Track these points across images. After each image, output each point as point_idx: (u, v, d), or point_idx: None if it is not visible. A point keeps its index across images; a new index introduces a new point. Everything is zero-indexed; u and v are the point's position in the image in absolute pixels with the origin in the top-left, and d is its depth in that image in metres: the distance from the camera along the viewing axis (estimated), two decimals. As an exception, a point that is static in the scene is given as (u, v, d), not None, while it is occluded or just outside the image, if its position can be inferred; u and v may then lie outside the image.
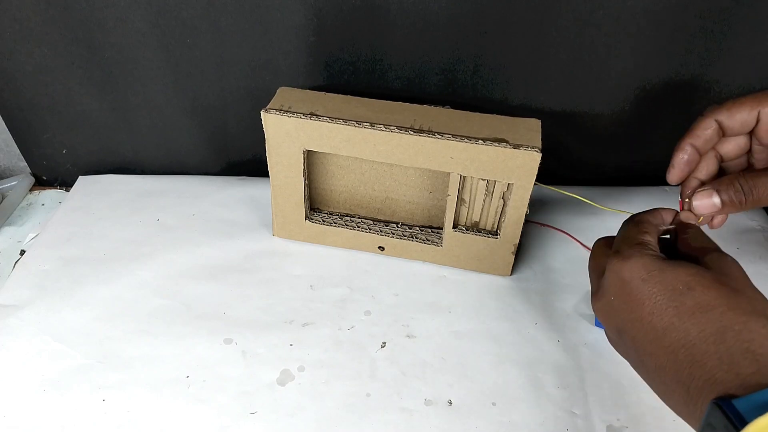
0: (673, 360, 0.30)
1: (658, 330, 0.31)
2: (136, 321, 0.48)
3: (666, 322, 0.31)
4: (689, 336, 0.30)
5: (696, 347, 0.29)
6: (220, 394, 0.43)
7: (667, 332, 0.31)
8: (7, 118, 0.60)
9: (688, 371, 0.30)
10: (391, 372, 0.45)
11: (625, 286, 0.33)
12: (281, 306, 0.50)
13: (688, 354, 0.30)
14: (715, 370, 0.28)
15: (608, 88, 0.55)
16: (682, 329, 0.30)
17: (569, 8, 0.50)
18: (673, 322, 0.31)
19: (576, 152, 0.61)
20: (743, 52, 0.52)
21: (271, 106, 0.48)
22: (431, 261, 0.54)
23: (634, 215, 0.39)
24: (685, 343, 0.30)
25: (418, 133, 0.46)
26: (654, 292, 0.32)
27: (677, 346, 0.30)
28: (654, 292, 0.32)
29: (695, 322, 0.30)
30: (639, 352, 0.33)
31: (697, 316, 0.30)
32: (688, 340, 0.30)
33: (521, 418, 0.42)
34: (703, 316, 0.30)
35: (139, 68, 0.55)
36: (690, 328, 0.30)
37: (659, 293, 0.32)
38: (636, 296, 0.33)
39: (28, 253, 0.54)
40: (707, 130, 0.40)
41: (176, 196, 0.61)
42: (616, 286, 0.34)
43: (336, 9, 0.51)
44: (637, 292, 0.33)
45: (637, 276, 0.33)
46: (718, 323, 0.29)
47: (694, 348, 0.30)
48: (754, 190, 0.39)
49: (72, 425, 0.40)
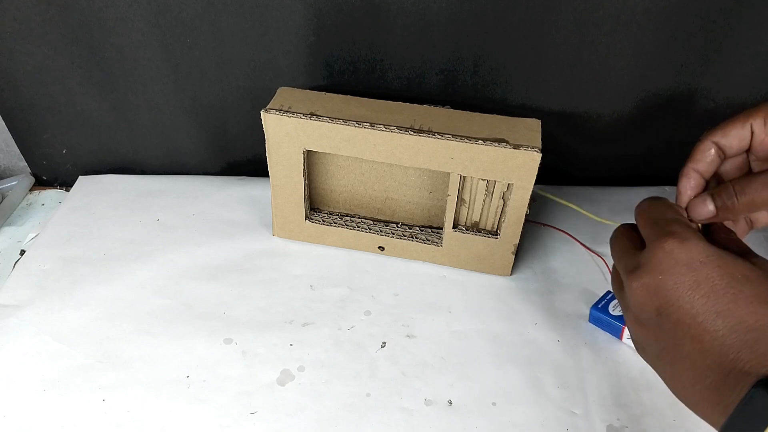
0: (720, 344, 0.30)
1: (711, 313, 0.31)
2: (136, 321, 0.48)
3: (722, 306, 0.31)
4: (745, 323, 0.30)
5: (749, 334, 0.30)
6: (220, 394, 0.43)
7: (720, 316, 0.31)
8: (7, 118, 0.60)
9: (735, 356, 0.30)
10: (391, 372, 0.45)
11: (680, 267, 0.33)
12: (281, 306, 0.50)
13: (739, 339, 0.30)
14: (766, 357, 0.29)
15: (608, 88, 0.55)
16: (737, 315, 0.30)
17: (569, 8, 0.50)
18: (729, 308, 0.31)
19: (576, 152, 0.61)
20: (743, 52, 0.52)
21: (271, 106, 0.48)
22: (431, 261, 0.54)
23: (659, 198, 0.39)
24: (738, 329, 0.30)
25: (418, 133, 0.46)
26: (713, 276, 0.32)
27: (729, 331, 0.30)
28: (713, 276, 0.32)
29: (752, 311, 0.30)
30: (679, 335, 0.33)
31: (755, 306, 0.30)
32: (743, 327, 0.30)
33: (521, 418, 0.42)
34: (761, 307, 0.30)
35: (139, 68, 0.55)
36: (746, 316, 0.30)
37: (718, 278, 0.32)
38: (692, 277, 0.32)
39: (28, 253, 0.54)
40: (706, 152, 0.41)
41: (176, 196, 0.61)
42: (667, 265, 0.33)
43: (336, 9, 0.51)
44: (693, 274, 0.32)
45: (696, 258, 0.32)
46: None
47: (748, 335, 0.30)
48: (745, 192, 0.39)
49: (72, 425, 0.40)
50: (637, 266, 0.35)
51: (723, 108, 0.57)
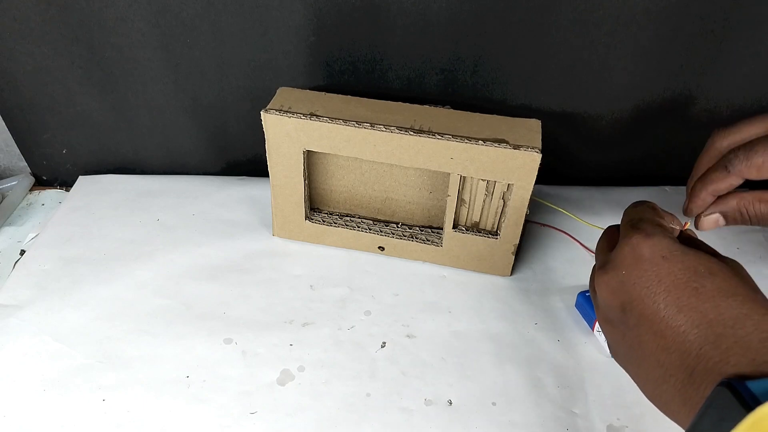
0: (682, 341, 0.30)
1: (672, 308, 0.31)
2: (136, 321, 0.48)
3: (684, 302, 0.30)
4: (707, 317, 0.29)
5: (712, 329, 0.29)
6: (220, 394, 0.43)
7: (682, 311, 0.30)
8: (7, 118, 0.60)
9: (698, 352, 0.29)
10: (391, 372, 0.45)
11: (643, 262, 0.33)
12: (281, 306, 0.50)
13: (701, 335, 0.29)
14: (730, 353, 0.28)
15: (608, 88, 0.55)
16: (699, 310, 0.30)
17: (569, 8, 0.50)
18: (691, 302, 0.30)
19: (576, 152, 0.61)
20: (743, 52, 0.52)
21: (271, 106, 0.48)
22: (431, 261, 0.54)
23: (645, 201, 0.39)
24: (700, 324, 0.29)
25: (418, 134, 0.46)
26: (674, 271, 0.31)
27: (690, 326, 0.30)
28: (674, 270, 0.31)
29: (714, 305, 0.30)
30: (642, 331, 0.32)
31: (717, 300, 0.30)
32: (705, 322, 0.29)
33: (521, 418, 0.42)
34: (724, 301, 0.30)
35: (139, 68, 0.55)
36: (708, 310, 0.29)
37: (680, 272, 0.31)
38: (654, 272, 0.32)
39: (28, 253, 0.54)
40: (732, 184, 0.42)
41: (176, 196, 0.61)
42: (631, 260, 0.33)
43: (336, 9, 0.51)
44: (656, 268, 0.32)
45: (658, 253, 0.32)
46: (737, 310, 0.29)
47: (710, 329, 0.29)
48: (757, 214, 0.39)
49: (72, 425, 0.40)
50: (605, 262, 0.35)
51: (723, 108, 0.57)
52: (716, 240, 0.48)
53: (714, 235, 0.56)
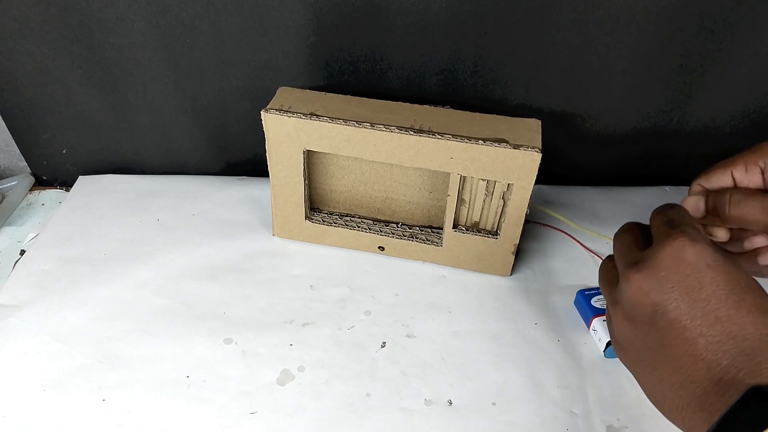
0: (715, 350, 0.30)
1: (710, 317, 0.31)
2: (136, 321, 0.48)
3: (723, 312, 0.31)
4: (744, 331, 0.30)
5: (748, 342, 0.29)
6: (220, 394, 0.43)
7: (719, 322, 0.30)
8: (7, 118, 0.60)
9: (730, 362, 0.29)
10: (391, 372, 0.45)
11: (686, 266, 0.32)
12: (281, 306, 0.50)
13: (736, 346, 0.30)
14: (763, 366, 0.28)
15: (608, 88, 0.55)
16: (738, 322, 0.30)
17: (569, 8, 0.50)
18: (730, 314, 0.30)
19: (576, 152, 0.61)
20: (743, 52, 0.52)
21: (271, 106, 0.48)
22: (431, 261, 0.54)
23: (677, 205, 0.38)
24: (737, 336, 0.30)
25: (418, 134, 0.46)
26: (718, 280, 0.31)
27: (727, 337, 0.30)
28: (718, 279, 0.31)
29: (753, 320, 0.30)
30: (672, 335, 0.32)
31: (756, 315, 0.30)
32: (741, 334, 0.30)
33: (521, 418, 0.42)
34: (762, 317, 0.30)
35: (139, 68, 0.55)
36: (746, 324, 0.30)
37: (723, 282, 0.31)
38: (696, 278, 0.32)
39: (28, 253, 0.54)
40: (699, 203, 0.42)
41: (176, 196, 0.61)
42: (673, 262, 0.33)
43: (336, 9, 0.51)
44: (699, 275, 0.32)
45: (703, 260, 0.32)
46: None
47: (746, 342, 0.29)
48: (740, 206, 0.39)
49: (72, 425, 0.40)
50: (641, 260, 0.34)
51: (723, 108, 0.57)
52: (716, 240, 0.48)
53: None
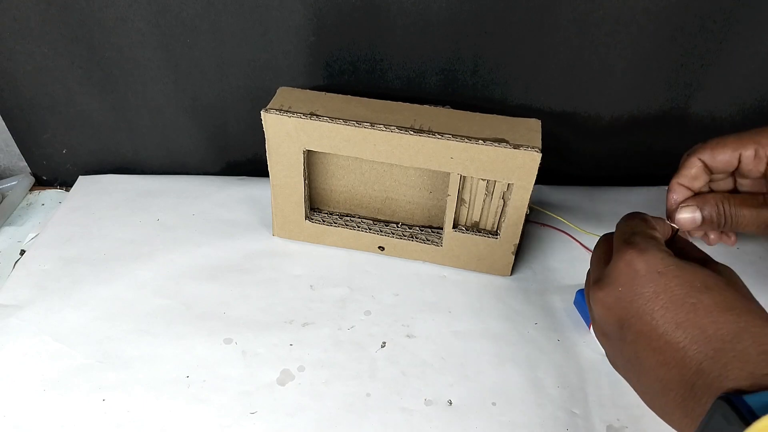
0: (681, 357, 0.30)
1: (670, 324, 0.31)
2: (136, 321, 0.48)
3: (681, 317, 0.30)
4: (705, 333, 0.29)
5: (710, 344, 0.29)
6: (220, 394, 0.43)
7: (680, 327, 0.30)
8: (7, 118, 0.60)
9: (698, 368, 0.29)
10: (391, 372, 0.45)
11: (639, 278, 0.32)
12: (281, 306, 0.50)
13: (700, 350, 0.29)
14: (729, 367, 0.28)
15: (608, 87, 0.55)
16: (698, 326, 0.30)
17: (569, 8, 0.50)
18: (689, 318, 0.30)
19: (576, 152, 0.61)
20: (743, 52, 0.52)
21: (271, 106, 0.48)
22: (431, 261, 0.54)
23: (636, 212, 0.39)
24: (699, 340, 0.29)
25: (418, 133, 0.46)
26: (671, 286, 0.31)
27: (689, 342, 0.30)
28: (671, 286, 0.31)
29: (713, 321, 0.30)
30: (640, 347, 0.32)
31: (715, 315, 0.30)
32: (703, 337, 0.29)
33: (521, 418, 0.42)
34: (721, 316, 0.30)
35: (139, 68, 0.55)
36: (707, 326, 0.30)
37: (676, 287, 0.31)
38: (650, 288, 0.32)
39: (28, 253, 0.54)
40: (692, 169, 0.42)
41: (176, 196, 0.61)
42: (627, 277, 0.33)
43: (336, 9, 0.51)
44: (652, 284, 0.32)
45: (654, 268, 0.32)
46: (735, 324, 0.29)
47: (709, 345, 0.29)
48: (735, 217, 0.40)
49: (72, 425, 0.40)
50: (601, 278, 0.35)
51: (723, 108, 0.57)
52: (716, 240, 0.48)
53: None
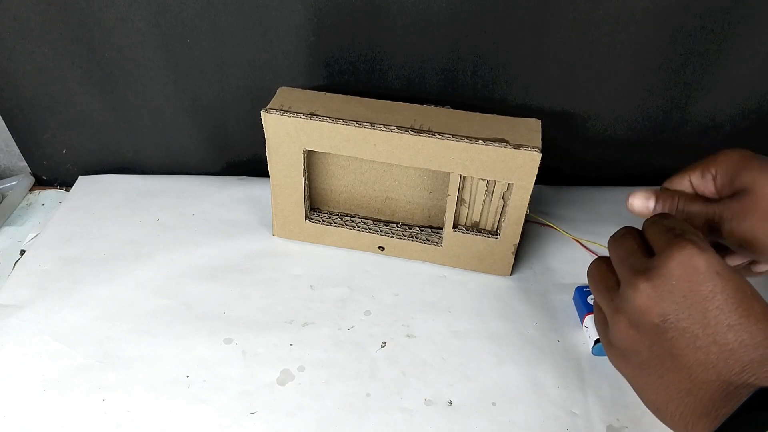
0: (727, 358, 0.30)
1: (722, 326, 0.31)
2: (136, 321, 0.48)
3: (734, 320, 0.31)
4: (755, 338, 0.30)
5: (758, 350, 0.30)
6: (220, 394, 0.43)
7: (732, 330, 0.31)
8: (7, 118, 0.60)
9: (741, 369, 0.30)
10: (391, 372, 0.45)
11: (698, 275, 0.32)
12: (281, 306, 0.50)
13: (748, 354, 0.30)
14: None
15: (608, 88, 0.55)
16: (748, 330, 0.30)
17: (569, 8, 0.50)
18: (741, 322, 0.31)
19: (576, 152, 0.61)
20: (743, 52, 0.52)
21: (271, 106, 0.48)
22: (431, 261, 0.54)
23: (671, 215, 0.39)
24: (749, 344, 0.30)
25: (418, 133, 0.46)
26: (728, 289, 0.31)
27: (739, 345, 0.30)
28: (728, 288, 0.31)
29: (762, 328, 0.30)
30: (682, 344, 0.32)
31: (764, 323, 0.30)
32: (753, 342, 0.30)
33: (521, 418, 0.42)
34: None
35: (139, 68, 0.55)
36: (756, 332, 0.30)
37: (731, 290, 0.31)
38: (708, 287, 0.32)
39: (28, 253, 0.54)
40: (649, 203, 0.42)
41: (176, 196, 0.61)
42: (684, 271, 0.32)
43: (336, 9, 0.51)
44: (710, 284, 0.32)
45: (713, 268, 0.32)
46: None
47: (756, 350, 0.30)
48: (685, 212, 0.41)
49: (72, 425, 0.40)
50: (649, 268, 0.33)
51: (723, 108, 0.57)
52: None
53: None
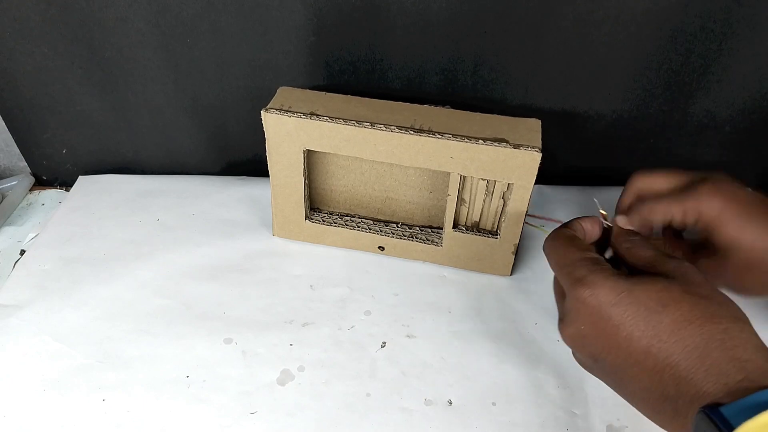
0: (659, 380, 0.30)
1: (639, 353, 0.31)
2: (136, 321, 0.48)
3: (645, 344, 0.30)
4: (673, 355, 0.30)
5: (681, 364, 0.29)
6: (220, 394, 0.43)
7: (649, 354, 0.30)
8: (7, 118, 0.60)
9: (675, 389, 0.29)
10: (391, 372, 0.45)
11: (595, 314, 0.32)
12: (281, 306, 0.50)
13: (673, 373, 0.30)
14: (703, 383, 0.28)
15: (608, 88, 0.55)
16: (664, 349, 0.30)
17: (569, 8, 0.50)
18: (653, 344, 0.30)
19: (576, 152, 0.61)
20: (743, 52, 0.52)
21: (271, 106, 0.48)
22: (431, 261, 0.54)
23: (555, 234, 0.38)
24: (670, 362, 0.30)
25: (419, 133, 0.46)
26: (628, 315, 0.31)
27: (662, 366, 0.30)
28: (628, 315, 0.31)
29: (677, 340, 0.30)
30: (619, 376, 0.33)
31: (678, 333, 0.30)
32: (673, 359, 0.30)
33: (521, 418, 0.42)
34: (684, 332, 0.30)
35: (139, 68, 0.55)
36: (672, 347, 0.30)
37: (633, 315, 0.31)
38: (609, 322, 0.32)
39: (28, 253, 0.54)
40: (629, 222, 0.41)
41: (176, 196, 0.61)
42: (584, 315, 0.33)
43: (336, 9, 0.51)
44: (609, 319, 0.32)
45: (606, 301, 0.32)
46: (698, 337, 0.29)
47: (680, 365, 0.29)
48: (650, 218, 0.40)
49: (72, 425, 0.40)
50: (562, 317, 0.35)
51: (723, 108, 0.57)
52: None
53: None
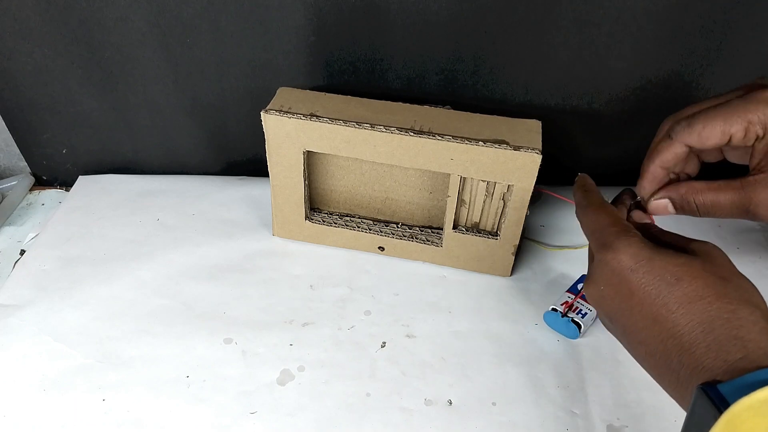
0: (663, 348, 0.31)
1: (648, 320, 0.32)
2: (136, 321, 0.48)
3: (655, 312, 0.32)
4: (678, 326, 0.31)
5: (685, 337, 0.30)
6: (220, 394, 0.43)
7: (656, 322, 0.32)
8: (7, 118, 0.60)
9: (678, 359, 0.31)
10: (391, 372, 0.45)
11: (614, 277, 0.34)
12: (281, 306, 0.50)
13: (677, 343, 0.31)
14: (704, 357, 0.29)
15: (608, 87, 0.55)
16: (671, 320, 0.31)
17: (569, 8, 0.50)
18: (661, 313, 0.31)
19: (576, 152, 0.61)
20: (743, 52, 0.52)
21: (271, 107, 0.48)
22: (431, 261, 0.54)
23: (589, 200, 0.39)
24: (674, 333, 0.31)
25: (419, 134, 0.46)
26: (643, 283, 0.33)
27: (666, 335, 0.31)
28: (643, 282, 0.33)
29: (684, 313, 0.31)
30: (630, 338, 0.34)
31: (686, 307, 0.31)
32: (677, 330, 0.31)
33: (521, 418, 0.42)
34: (692, 306, 0.31)
35: (139, 68, 0.55)
36: (679, 319, 0.31)
37: (648, 284, 0.32)
38: (625, 286, 0.33)
39: (28, 253, 0.54)
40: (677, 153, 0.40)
41: (176, 196, 0.61)
42: (605, 276, 0.34)
43: (336, 9, 0.51)
44: (626, 283, 0.33)
45: (626, 266, 0.33)
46: (706, 313, 0.30)
47: (683, 337, 0.30)
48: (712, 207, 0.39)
49: (72, 425, 0.40)
50: (588, 277, 0.37)
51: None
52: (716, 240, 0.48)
53: (714, 235, 0.56)
